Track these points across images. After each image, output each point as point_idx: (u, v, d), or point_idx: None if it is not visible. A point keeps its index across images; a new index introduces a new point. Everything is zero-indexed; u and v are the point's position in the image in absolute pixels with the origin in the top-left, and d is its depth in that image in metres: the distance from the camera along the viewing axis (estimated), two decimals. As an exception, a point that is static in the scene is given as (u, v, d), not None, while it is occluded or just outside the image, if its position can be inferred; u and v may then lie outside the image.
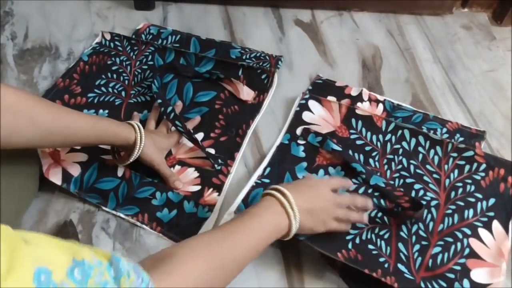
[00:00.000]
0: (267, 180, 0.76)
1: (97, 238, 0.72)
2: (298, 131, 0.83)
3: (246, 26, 1.05)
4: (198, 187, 0.76)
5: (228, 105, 0.87)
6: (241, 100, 0.87)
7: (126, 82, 0.91)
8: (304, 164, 0.79)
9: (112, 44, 0.97)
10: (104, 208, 0.75)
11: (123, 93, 0.89)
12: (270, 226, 0.57)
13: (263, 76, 0.90)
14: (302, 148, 0.80)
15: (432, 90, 0.93)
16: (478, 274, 0.66)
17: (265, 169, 0.78)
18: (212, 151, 0.80)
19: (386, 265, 0.66)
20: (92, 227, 0.73)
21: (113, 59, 0.94)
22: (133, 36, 1.00)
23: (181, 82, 0.90)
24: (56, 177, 0.76)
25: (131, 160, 0.72)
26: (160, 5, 1.08)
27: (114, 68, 0.93)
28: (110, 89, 0.89)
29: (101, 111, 0.86)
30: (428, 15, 1.08)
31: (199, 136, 0.83)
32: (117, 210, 0.74)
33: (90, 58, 0.94)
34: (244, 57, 0.95)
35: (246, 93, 0.88)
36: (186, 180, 0.77)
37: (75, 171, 0.77)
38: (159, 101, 0.82)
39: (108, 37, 0.98)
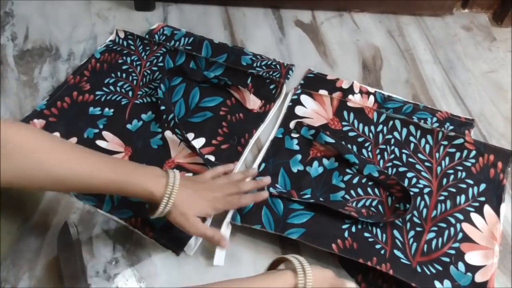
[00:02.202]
0: (260, 178, 0.76)
1: (97, 238, 0.72)
2: (292, 124, 0.84)
3: (246, 27, 1.05)
4: None
5: (233, 113, 0.86)
6: (247, 108, 0.87)
7: (135, 82, 0.91)
8: (299, 156, 0.80)
9: (125, 43, 0.97)
10: (99, 211, 0.75)
11: (130, 93, 0.89)
12: None
13: (271, 86, 0.90)
14: (296, 141, 0.82)
15: (432, 91, 0.93)
16: (472, 257, 0.69)
17: (259, 166, 0.79)
18: (212, 158, 0.80)
19: (382, 252, 0.68)
20: (93, 228, 0.73)
21: (124, 58, 0.94)
22: (147, 36, 1.00)
23: (188, 86, 0.90)
24: None
25: (154, 217, 0.63)
26: (161, 5, 1.08)
27: (124, 67, 0.93)
28: (118, 88, 0.90)
29: (106, 109, 0.86)
30: (428, 16, 1.08)
31: (201, 141, 0.82)
32: (112, 213, 0.74)
33: (102, 55, 0.95)
34: (255, 64, 0.94)
35: (253, 102, 0.87)
36: None
37: None
38: (162, 107, 0.83)
39: (122, 35, 0.98)
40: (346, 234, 0.70)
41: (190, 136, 0.82)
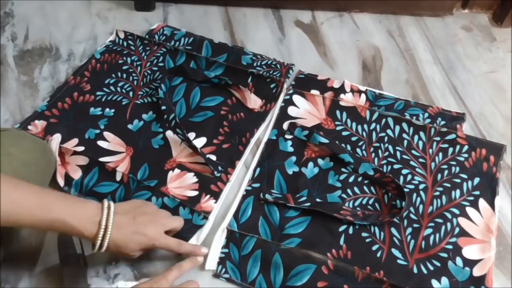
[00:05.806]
0: (256, 185, 0.77)
1: (98, 239, 0.72)
2: (285, 125, 0.84)
3: (246, 27, 1.05)
4: (195, 193, 0.75)
5: (234, 112, 0.86)
6: (248, 107, 0.87)
7: (135, 82, 0.91)
8: (293, 158, 0.80)
9: (125, 43, 0.98)
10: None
11: (130, 94, 0.89)
12: None
13: (272, 85, 0.90)
14: (290, 143, 0.82)
15: (432, 91, 0.93)
16: (469, 251, 0.69)
17: (254, 170, 0.79)
18: (213, 157, 0.80)
19: (378, 254, 0.68)
20: (93, 228, 0.73)
21: (124, 58, 0.95)
22: (147, 36, 1.00)
23: (189, 86, 0.90)
24: (60, 179, 0.76)
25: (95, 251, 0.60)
26: (161, 6, 1.09)
27: (124, 67, 0.93)
28: (118, 89, 0.90)
29: (107, 110, 0.86)
30: (428, 16, 1.08)
31: (202, 141, 0.82)
32: None
33: (103, 56, 0.95)
34: (255, 64, 0.94)
35: (253, 101, 0.87)
36: (184, 184, 0.77)
37: (77, 174, 0.77)
38: (163, 107, 0.83)
39: (122, 35, 0.99)
40: (342, 239, 0.70)
41: (191, 135, 0.82)
